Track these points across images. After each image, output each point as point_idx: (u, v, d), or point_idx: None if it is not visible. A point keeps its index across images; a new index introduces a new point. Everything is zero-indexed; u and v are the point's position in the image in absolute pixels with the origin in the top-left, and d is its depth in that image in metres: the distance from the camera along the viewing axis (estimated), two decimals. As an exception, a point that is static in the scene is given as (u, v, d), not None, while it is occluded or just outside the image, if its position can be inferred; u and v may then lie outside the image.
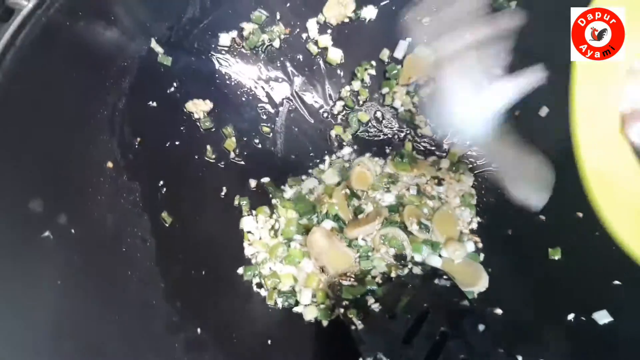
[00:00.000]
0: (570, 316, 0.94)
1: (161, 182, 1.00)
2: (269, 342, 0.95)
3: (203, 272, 0.98)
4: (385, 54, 1.16)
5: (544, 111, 1.05)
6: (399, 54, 1.16)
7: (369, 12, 1.15)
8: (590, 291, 0.95)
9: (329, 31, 1.16)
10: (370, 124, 1.22)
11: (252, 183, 1.09)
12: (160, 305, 0.91)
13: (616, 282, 0.93)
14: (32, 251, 0.79)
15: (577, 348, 0.92)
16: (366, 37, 1.17)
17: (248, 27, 1.12)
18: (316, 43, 1.16)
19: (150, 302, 0.90)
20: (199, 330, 0.92)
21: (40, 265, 0.79)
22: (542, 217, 1.03)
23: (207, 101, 1.09)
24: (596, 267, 0.96)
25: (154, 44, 1.02)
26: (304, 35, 1.16)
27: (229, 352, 0.92)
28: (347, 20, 1.16)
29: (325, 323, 1.00)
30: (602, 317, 0.91)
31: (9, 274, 0.75)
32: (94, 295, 0.84)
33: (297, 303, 1.02)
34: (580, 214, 0.99)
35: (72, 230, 0.85)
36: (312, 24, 1.15)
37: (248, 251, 1.05)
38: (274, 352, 0.95)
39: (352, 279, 0.98)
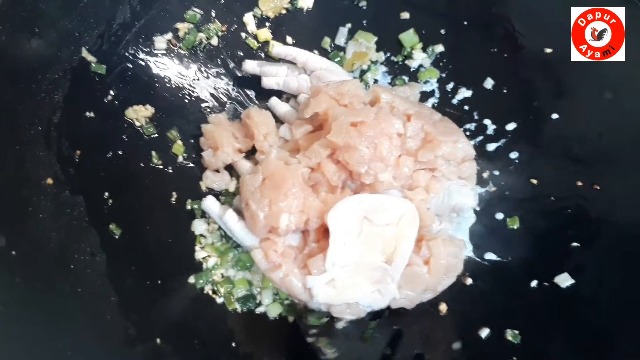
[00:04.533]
0: (534, 283, 0.94)
1: (106, 194, 0.98)
2: (233, 344, 0.93)
3: (158, 282, 0.96)
4: (326, 42, 1.15)
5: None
6: (340, 40, 1.15)
7: (306, 2, 1.14)
8: (551, 256, 0.95)
9: (267, 24, 1.14)
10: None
11: (204, 186, 1.06)
12: (116, 320, 0.89)
13: (575, 244, 0.93)
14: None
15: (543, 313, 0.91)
16: (306, 26, 1.15)
17: (183, 27, 1.09)
18: (256, 37, 1.14)
19: (104, 318, 0.88)
20: (158, 340, 0.89)
21: (-20, 291, 0.76)
22: (494, 188, 1.03)
23: (148, 106, 1.06)
24: (554, 231, 0.96)
25: (85, 53, 0.99)
26: (242, 31, 1.14)
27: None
28: (284, 11, 1.14)
29: (291, 319, 0.98)
30: (564, 280, 0.91)
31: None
32: (43, 317, 0.82)
33: (258, 304, 1.00)
34: (535, 181, 1.00)
35: (13, 252, 0.82)
36: (249, 19, 1.13)
37: (199, 255, 1.02)
38: (240, 354, 0.93)
39: None
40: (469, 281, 0.98)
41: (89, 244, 0.93)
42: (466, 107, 1.09)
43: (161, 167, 1.06)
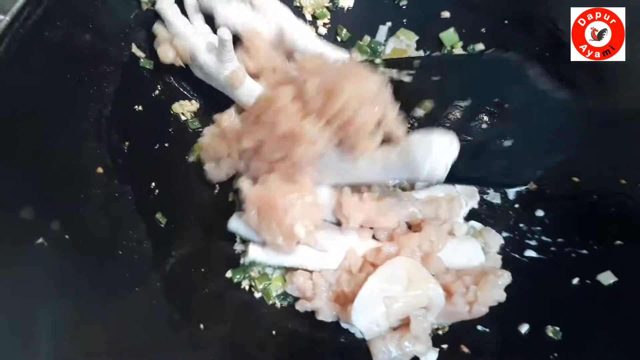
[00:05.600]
0: (575, 280, 0.93)
1: (153, 184, 1.01)
2: (274, 332, 0.95)
3: (202, 270, 0.98)
4: (366, 40, 1.16)
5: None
6: (380, 39, 1.17)
7: (347, 1, 1.15)
8: (593, 254, 0.94)
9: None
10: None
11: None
12: (161, 305, 0.91)
13: (618, 242, 0.92)
14: (27, 258, 0.79)
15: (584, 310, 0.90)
16: (346, 25, 1.17)
17: (227, 26, 1.12)
18: (296, 35, 1.16)
19: (150, 302, 0.90)
20: (201, 326, 0.91)
21: (36, 272, 0.79)
22: (535, 186, 1.02)
23: (193, 101, 1.09)
24: (596, 229, 0.95)
25: (135, 49, 1.02)
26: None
27: (233, 346, 0.92)
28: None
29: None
30: (607, 278, 0.90)
31: (3, 282, 0.75)
32: (92, 299, 0.84)
33: (296, 299, 1.00)
34: (577, 179, 0.99)
35: (66, 236, 0.85)
36: (289, 16, 1.15)
37: (238, 247, 1.03)
38: (280, 343, 0.94)
39: None
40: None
41: (137, 231, 0.95)
42: (507, 105, 1.09)
43: (205, 160, 1.08)
